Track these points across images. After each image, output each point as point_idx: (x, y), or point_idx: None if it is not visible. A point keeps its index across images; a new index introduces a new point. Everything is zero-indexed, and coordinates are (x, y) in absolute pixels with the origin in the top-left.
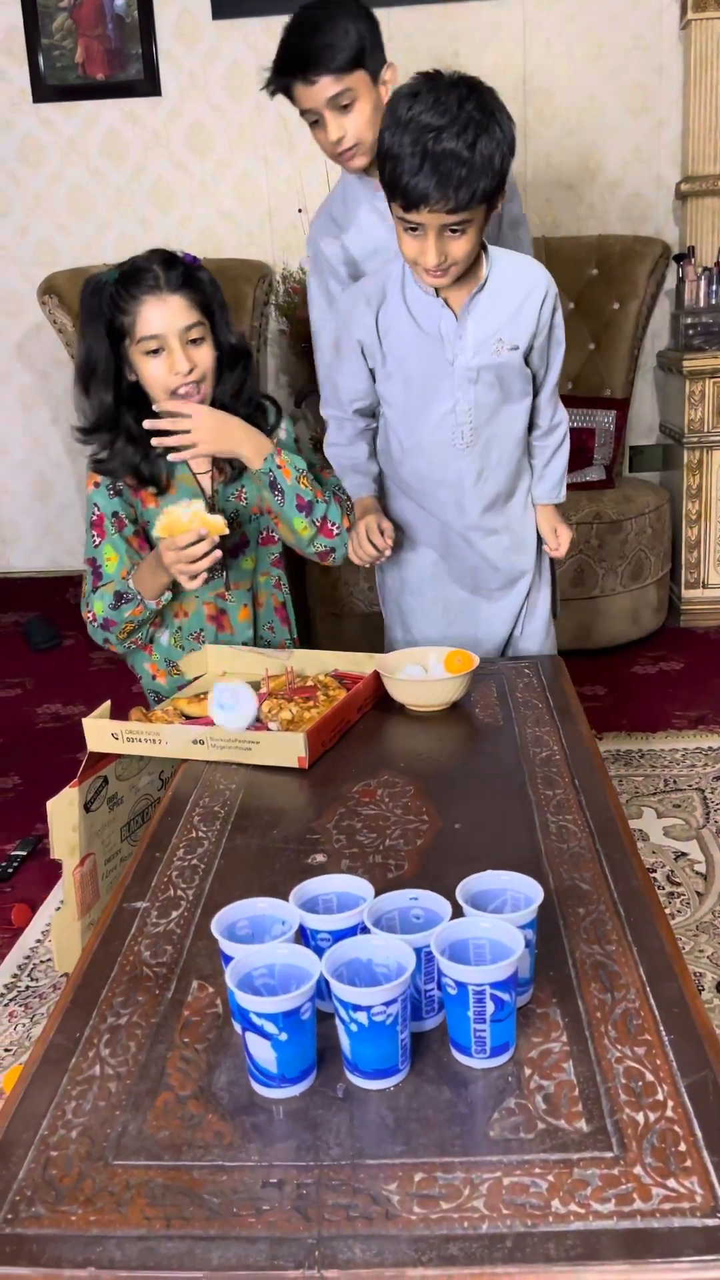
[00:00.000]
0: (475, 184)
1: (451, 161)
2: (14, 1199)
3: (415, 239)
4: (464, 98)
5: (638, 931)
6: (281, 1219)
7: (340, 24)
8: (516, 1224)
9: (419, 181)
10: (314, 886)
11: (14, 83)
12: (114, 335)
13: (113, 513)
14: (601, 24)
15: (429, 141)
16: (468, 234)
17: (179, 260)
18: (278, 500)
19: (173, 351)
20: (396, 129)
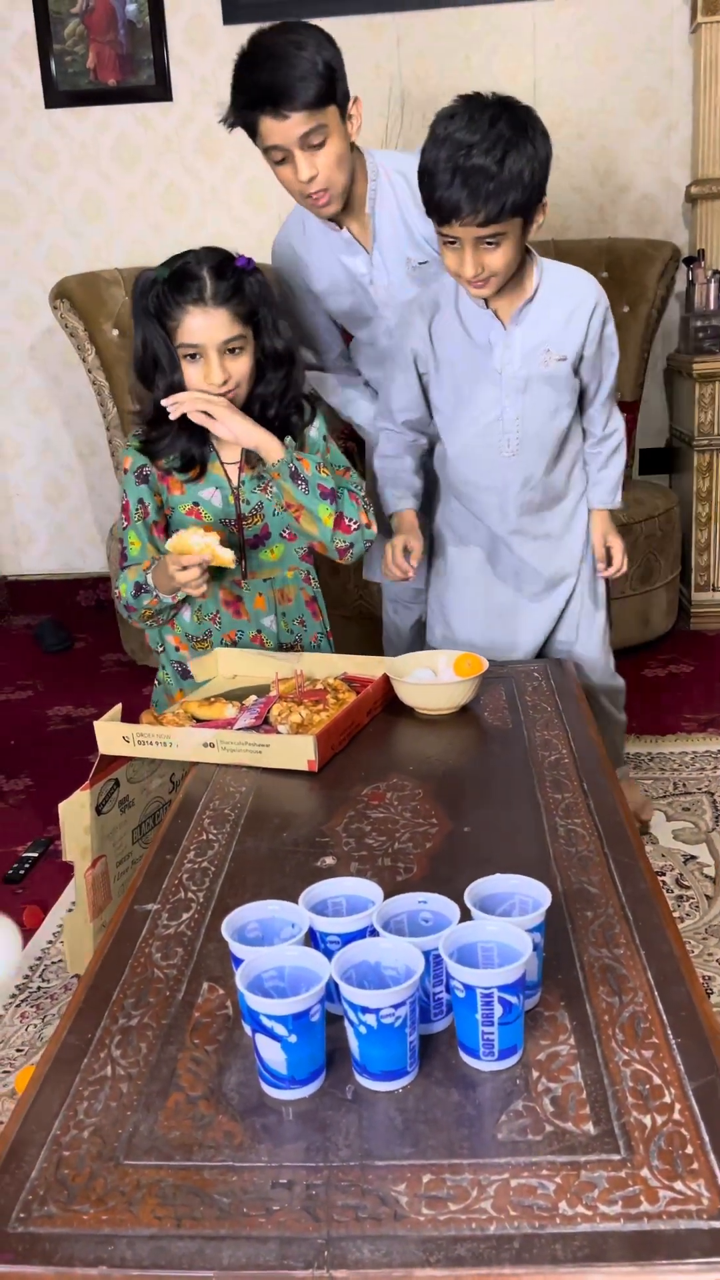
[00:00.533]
0: (504, 197)
1: (480, 176)
2: (27, 1198)
3: (454, 252)
4: (496, 116)
5: (646, 935)
6: (291, 1219)
7: (310, 53)
8: (524, 1225)
9: (451, 195)
10: (323, 889)
11: (26, 89)
12: (164, 331)
13: (138, 499)
14: (611, 28)
15: (460, 158)
16: (503, 246)
17: (230, 268)
18: (301, 489)
19: (210, 361)
20: (433, 146)
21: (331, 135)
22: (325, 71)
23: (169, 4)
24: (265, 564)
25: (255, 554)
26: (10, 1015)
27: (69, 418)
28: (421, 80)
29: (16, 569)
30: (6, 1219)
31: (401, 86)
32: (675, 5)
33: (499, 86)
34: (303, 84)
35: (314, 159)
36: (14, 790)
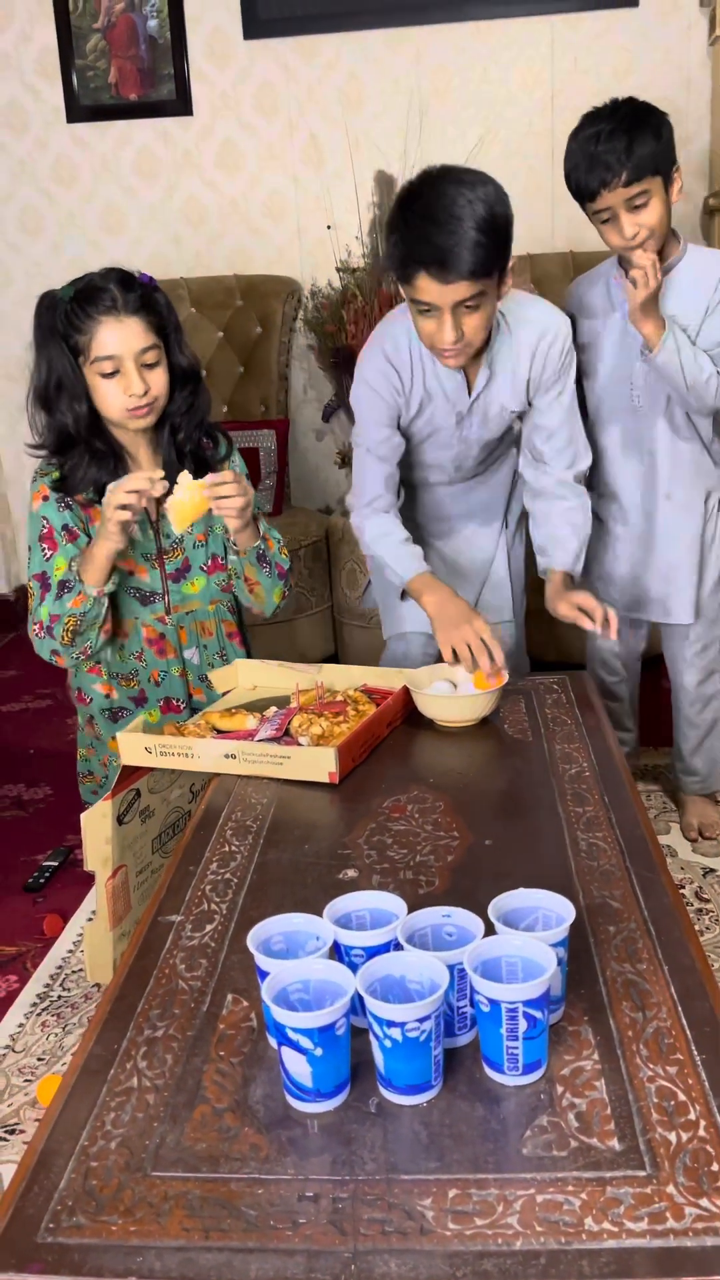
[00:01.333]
0: (644, 148)
1: (616, 141)
2: (55, 1208)
3: (430, 319)
4: (621, 102)
5: (668, 950)
6: (318, 1232)
7: (488, 216)
8: (550, 1241)
9: (596, 160)
10: (347, 903)
11: (48, 103)
12: (71, 353)
13: (63, 525)
14: (629, 41)
15: (602, 132)
16: (482, 310)
17: (136, 281)
18: (265, 572)
19: (128, 374)
20: (574, 139)
21: (486, 301)
22: (498, 237)
23: (190, 19)
24: (187, 597)
25: (177, 588)
26: (31, 1024)
27: None
28: (441, 94)
29: None
30: (36, 1229)
31: (421, 100)
32: (693, 18)
33: (517, 100)
34: (473, 252)
35: (463, 322)
36: (34, 799)
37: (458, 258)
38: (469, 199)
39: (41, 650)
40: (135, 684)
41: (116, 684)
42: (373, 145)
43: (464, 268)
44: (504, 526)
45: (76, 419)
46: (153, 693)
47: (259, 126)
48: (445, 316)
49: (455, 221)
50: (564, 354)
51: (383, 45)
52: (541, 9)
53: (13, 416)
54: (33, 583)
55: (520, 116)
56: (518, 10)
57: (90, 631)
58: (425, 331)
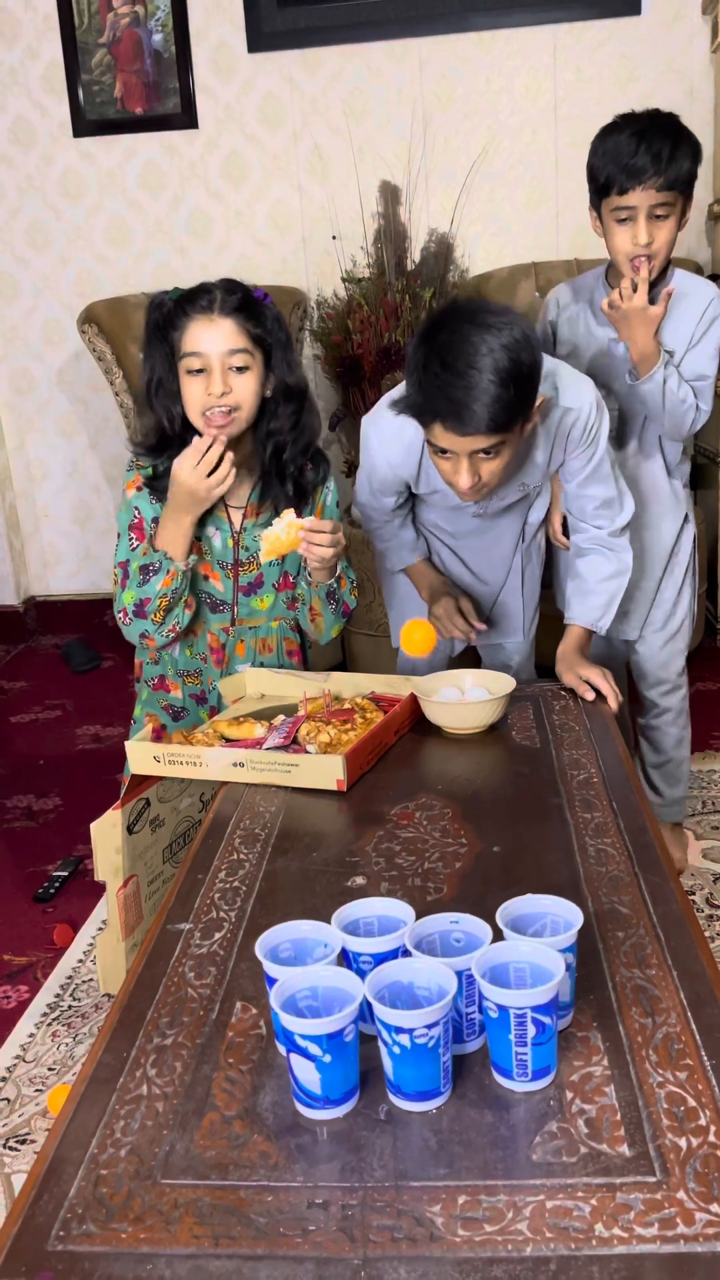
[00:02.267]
0: (682, 160)
1: (660, 143)
2: (65, 1216)
3: (447, 461)
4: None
5: (678, 955)
6: (327, 1240)
7: (510, 368)
8: (560, 1247)
9: (636, 159)
10: (355, 909)
11: (54, 117)
12: (170, 353)
13: (153, 518)
14: (632, 49)
15: (643, 132)
16: (501, 455)
17: (243, 288)
18: (331, 608)
19: (212, 372)
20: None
21: (506, 447)
22: (520, 391)
23: (194, 33)
24: (255, 612)
25: (247, 601)
26: (42, 1034)
27: (96, 440)
28: (444, 104)
29: (45, 589)
30: (46, 1237)
31: (424, 111)
32: (695, 26)
33: (520, 109)
34: (491, 409)
35: (481, 467)
36: (44, 809)
37: (475, 415)
38: (491, 347)
39: (131, 635)
40: (199, 682)
41: (182, 682)
42: (377, 155)
43: (481, 425)
44: (520, 540)
45: (171, 419)
46: (210, 696)
47: (263, 138)
48: (463, 462)
49: (475, 374)
50: (587, 430)
51: (385, 56)
52: (544, 18)
53: (23, 429)
54: (116, 570)
55: (523, 125)
56: (520, 20)
57: (178, 607)
58: (442, 470)
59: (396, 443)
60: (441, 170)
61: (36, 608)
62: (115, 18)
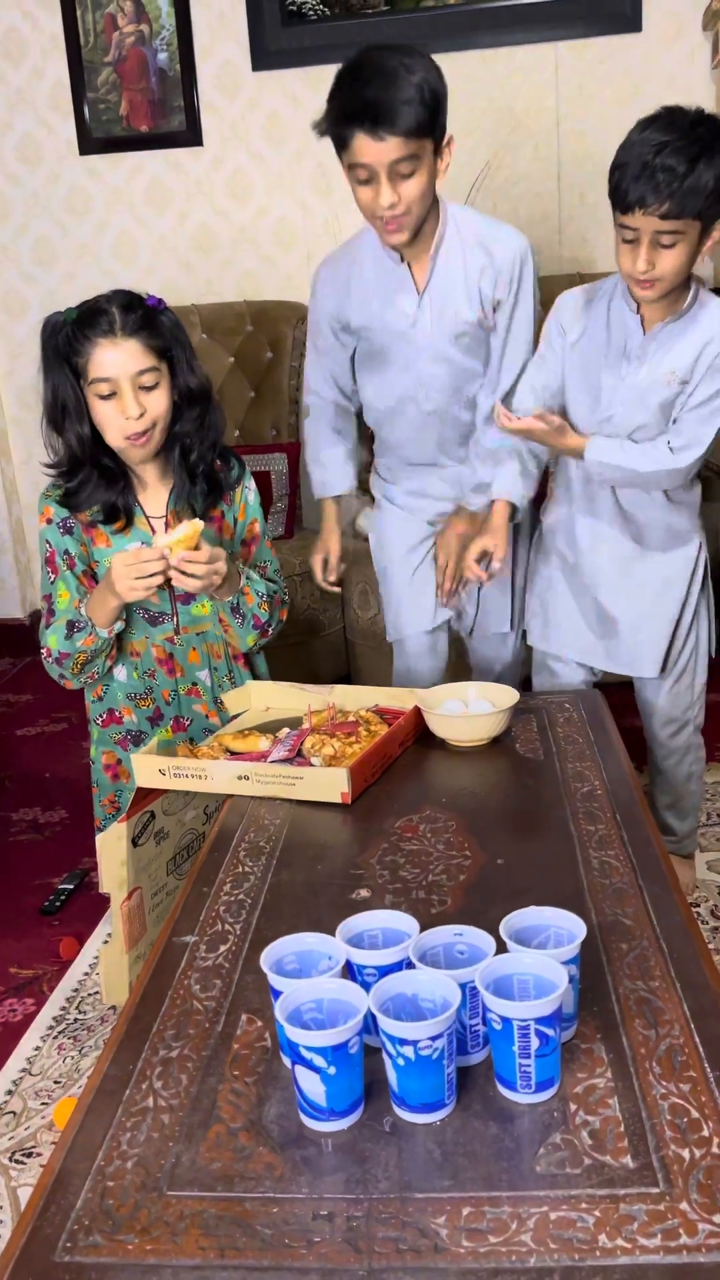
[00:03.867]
0: (688, 196)
1: (668, 172)
2: (72, 1228)
3: (629, 249)
4: (696, 122)
5: (681, 967)
6: (333, 1251)
7: (419, 79)
8: (564, 1258)
9: (638, 185)
10: (360, 922)
11: (61, 136)
12: (74, 374)
13: (64, 550)
14: (633, 65)
15: (652, 153)
16: (678, 248)
17: (139, 303)
18: (237, 622)
19: (124, 395)
20: (629, 144)
21: (422, 167)
22: (431, 101)
23: (199, 52)
24: (197, 618)
25: (186, 609)
26: (48, 1047)
27: None
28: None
29: None
30: (53, 1249)
31: None
32: (696, 42)
33: (522, 125)
34: (407, 108)
35: (399, 187)
36: (50, 822)
37: (392, 111)
38: (403, 63)
39: (50, 673)
40: (150, 703)
41: (134, 705)
42: None
43: (398, 122)
44: None
45: (80, 440)
46: (166, 711)
47: (268, 156)
48: (382, 179)
49: (388, 78)
50: (519, 273)
51: None
52: (545, 36)
53: (29, 443)
54: (43, 602)
55: (526, 141)
56: (522, 38)
57: (98, 660)
58: (364, 201)
59: (330, 281)
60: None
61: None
62: (120, 36)
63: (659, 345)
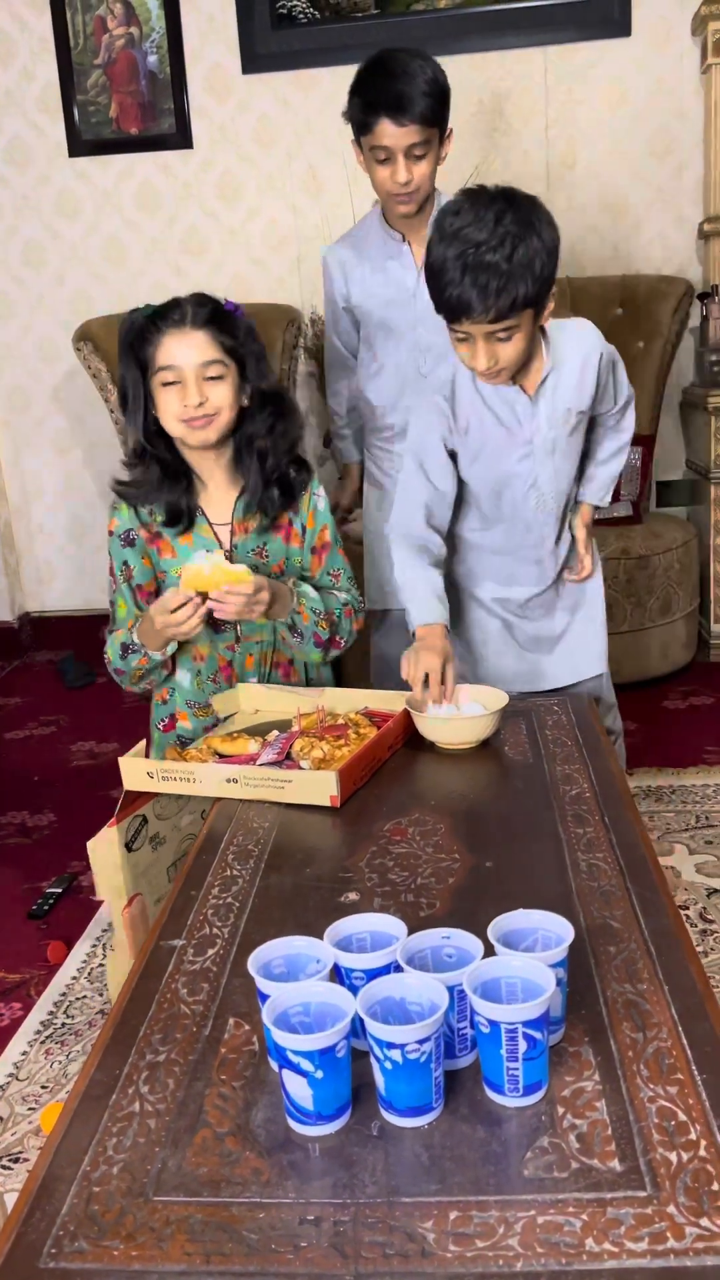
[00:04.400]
0: (515, 292)
1: (490, 273)
2: (58, 1234)
3: (466, 345)
4: (502, 212)
5: (669, 970)
6: (319, 1256)
7: (434, 77)
8: (551, 1263)
9: (462, 292)
10: (348, 925)
11: (50, 138)
12: (142, 368)
13: (123, 562)
14: (623, 70)
15: (469, 255)
16: (515, 338)
17: (212, 302)
18: (297, 641)
19: (187, 384)
20: (441, 243)
21: (431, 152)
22: (441, 95)
23: (189, 55)
24: (256, 627)
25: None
26: (35, 1052)
27: (91, 457)
28: None
29: (40, 605)
30: (38, 1255)
31: None
32: (685, 47)
33: (512, 129)
34: (424, 99)
35: (413, 167)
36: (38, 826)
37: (412, 101)
38: (420, 64)
39: (111, 674)
40: (209, 712)
41: (191, 713)
42: None
43: (416, 110)
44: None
45: (145, 429)
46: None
47: (258, 158)
48: (399, 159)
49: (409, 76)
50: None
51: None
52: (535, 40)
53: (18, 446)
54: (110, 607)
55: (515, 145)
56: (512, 42)
57: (154, 672)
58: (381, 178)
59: (337, 266)
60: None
61: (31, 623)
62: (110, 39)
63: (548, 399)
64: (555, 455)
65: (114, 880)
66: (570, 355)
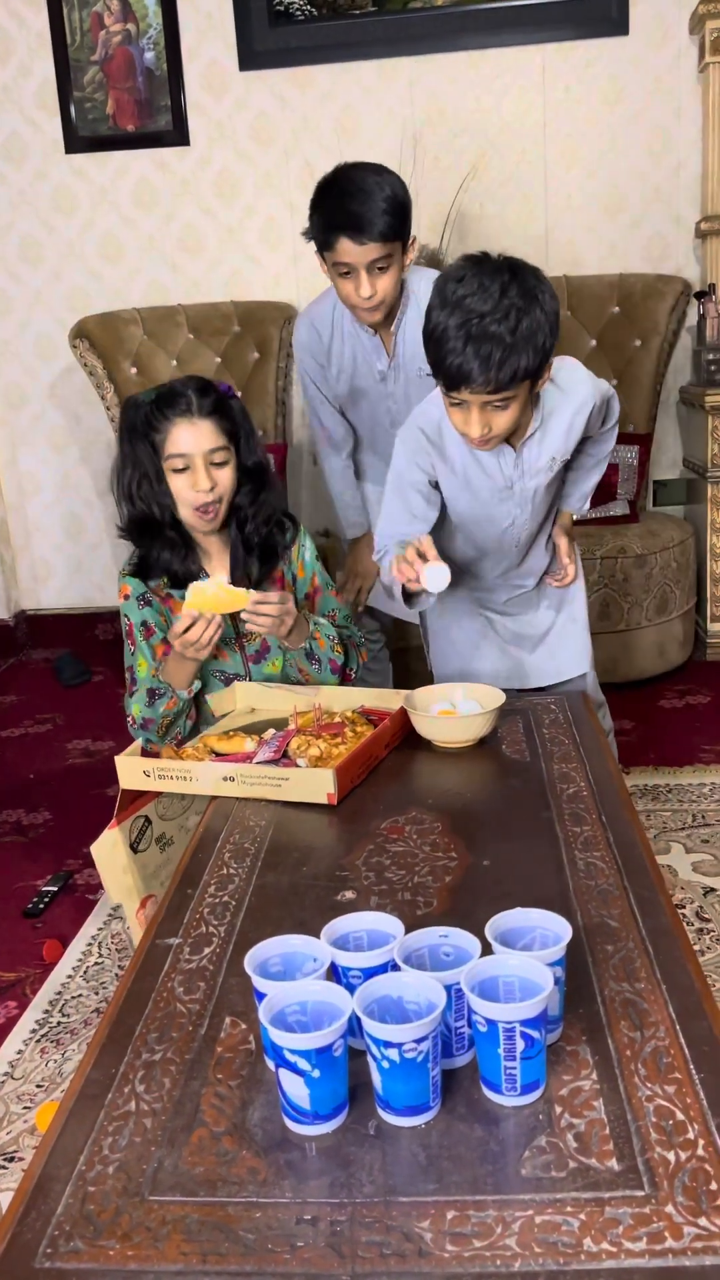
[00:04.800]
0: (516, 364)
1: (493, 344)
2: (53, 1233)
3: (460, 412)
4: (506, 285)
5: (667, 969)
6: (316, 1256)
7: (392, 194)
8: (549, 1262)
9: (464, 362)
10: (345, 924)
11: (47, 135)
12: (153, 450)
13: (141, 623)
14: (620, 69)
15: (473, 326)
16: (511, 408)
17: (212, 388)
18: (314, 668)
19: (197, 470)
20: (443, 310)
21: (394, 264)
22: (400, 211)
23: (186, 52)
24: (269, 677)
25: (258, 668)
26: (30, 1050)
27: (87, 454)
28: (433, 122)
29: (35, 603)
30: (33, 1255)
31: (414, 129)
32: (683, 46)
33: (509, 128)
34: (384, 219)
35: (376, 281)
36: (33, 824)
37: (370, 221)
38: (376, 181)
39: (136, 737)
40: None
41: None
42: None
43: (375, 229)
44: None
45: (162, 510)
46: None
47: (255, 156)
48: (361, 275)
49: (366, 195)
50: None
51: (376, 75)
52: (533, 38)
53: (14, 443)
54: (126, 674)
55: (512, 143)
56: (509, 40)
57: (180, 721)
58: (346, 293)
59: (311, 334)
60: (431, 188)
61: (27, 621)
62: (107, 35)
63: (532, 451)
64: (535, 499)
65: (123, 882)
66: (560, 409)
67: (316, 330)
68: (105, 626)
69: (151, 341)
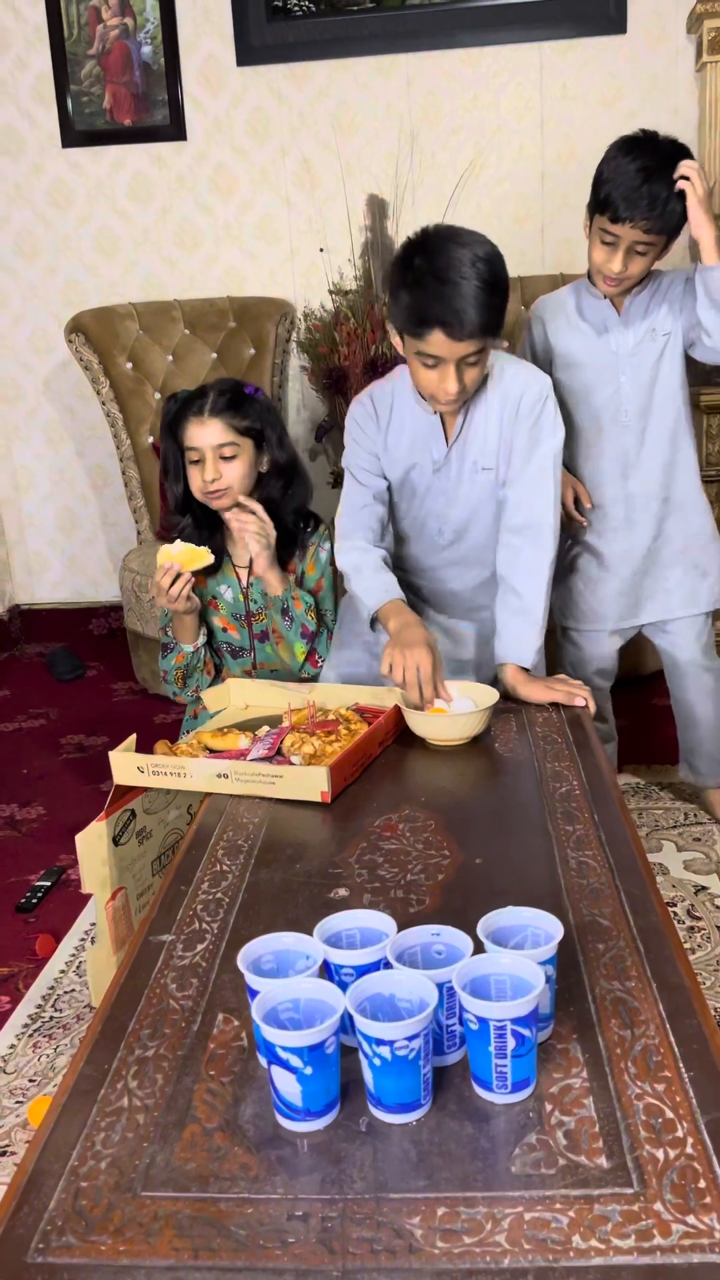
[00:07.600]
0: (673, 214)
1: (662, 184)
2: (45, 1229)
3: (433, 371)
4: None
5: (657, 967)
6: (307, 1251)
7: (494, 281)
8: (538, 1259)
9: (639, 197)
10: (337, 922)
11: (44, 128)
12: (177, 442)
13: None
14: (618, 67)
15: (651, 172)
16: (480, 363)
17: (232, 388)
18: (286, 624)
19: (205, 463)
20: (625, 156)
21: (485, 356)
22: (503, 303)
23: (183, 46)
24: (270, 657)
25: (261, 647)
26: (23, 1045)
27: (82, 449)
28: (431, 120)
29: (29, 597)
30: (25, 1250)
31: (412, 126)
32: (680, 45)
33: (507, 125)
34: (482, 313)
35: (465, 374)
36: (26, 819)
37: (469, 318)
38: (476, 257)
39: (166, 692)
40: None
41: None
42: (364, 169)
43: (475, 327)
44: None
45: (176, 494)
46: None
47: (252, 151)
48: (449, 369)
49: (465, 282)
50: (540, 415)
51: (373, 72)
52: (530, 36)
53: (9, 437)
54: (163, 632)
55: (510, 141)
56: (507, 37)
57: (195, 674)
58: (426, 382)
59: (375, 390)
60: (428, 184)
61: (21, 616)
62: (105, 29)
63: (632, 314)
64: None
65: (99, 873)
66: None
67: (373, 403)
68: (99, 621)
69: (147, 336)
